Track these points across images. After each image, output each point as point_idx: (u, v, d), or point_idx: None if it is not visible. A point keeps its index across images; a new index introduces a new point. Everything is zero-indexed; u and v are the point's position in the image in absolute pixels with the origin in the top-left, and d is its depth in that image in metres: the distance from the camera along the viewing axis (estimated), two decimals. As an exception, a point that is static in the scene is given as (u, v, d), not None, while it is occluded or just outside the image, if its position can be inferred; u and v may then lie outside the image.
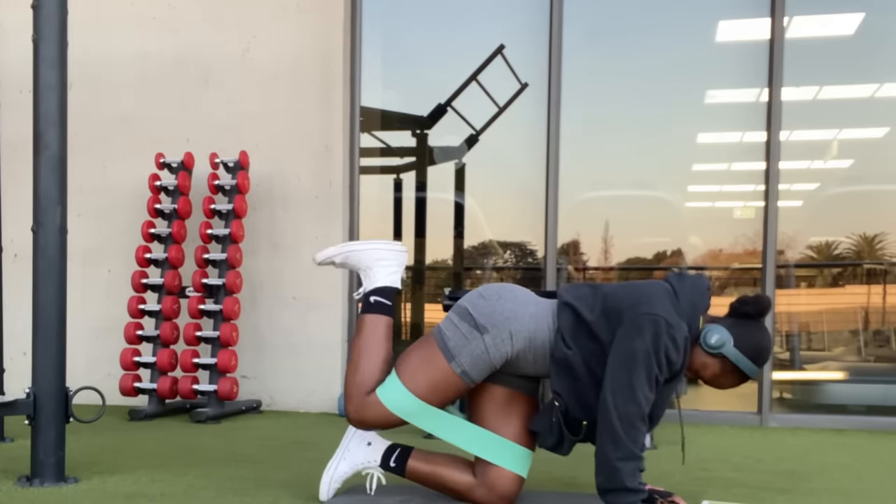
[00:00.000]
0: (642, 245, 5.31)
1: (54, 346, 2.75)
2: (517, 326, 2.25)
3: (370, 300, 2.41)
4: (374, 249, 2.46)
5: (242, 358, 4.72)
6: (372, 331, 2.38)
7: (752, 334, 2.21)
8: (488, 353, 2.24)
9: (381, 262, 2.44)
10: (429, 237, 5.41)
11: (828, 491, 2.82)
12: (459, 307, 2.32)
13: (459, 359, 2.25)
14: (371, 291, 2.42)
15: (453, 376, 2.26)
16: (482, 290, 2.35)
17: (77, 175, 4.70)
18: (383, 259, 2.44)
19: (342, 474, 2.42)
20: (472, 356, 2.24)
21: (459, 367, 2.25)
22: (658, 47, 4.90)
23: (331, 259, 2.47)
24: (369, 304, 2.41)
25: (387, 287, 2.43)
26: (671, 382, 2.21)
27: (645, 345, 2.09)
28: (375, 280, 2.43)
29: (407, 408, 2.28)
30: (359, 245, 2.47)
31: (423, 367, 2.28)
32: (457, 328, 2.27)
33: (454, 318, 2.31)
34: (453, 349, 2.25)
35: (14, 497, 2.54)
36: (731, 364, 2.21)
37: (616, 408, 2.08)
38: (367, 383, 2.32)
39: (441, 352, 2.27)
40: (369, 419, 2.31)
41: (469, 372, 2.26)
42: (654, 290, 2.21)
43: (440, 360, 2.26)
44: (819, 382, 4.94)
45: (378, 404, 2.29)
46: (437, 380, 2.27)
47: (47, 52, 2.73)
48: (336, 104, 4.82)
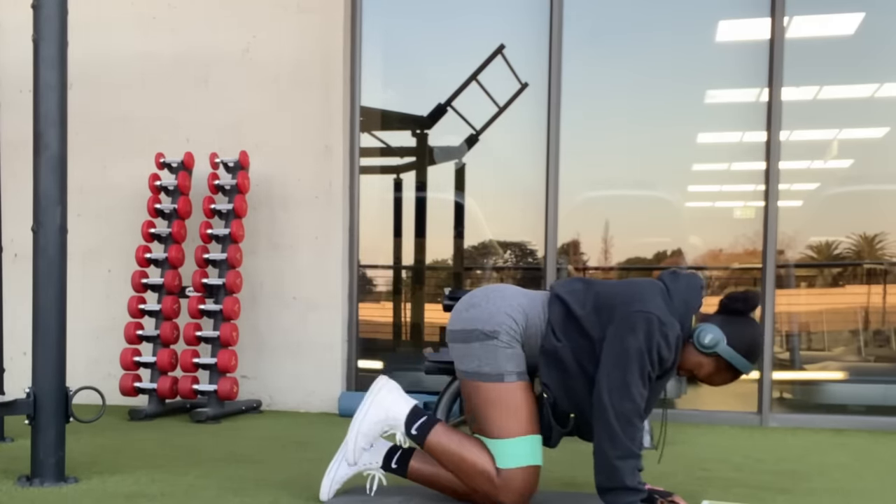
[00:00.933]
0: (642, 245, 5.31)
1: (54, 346, 2.75)
2: (515, 315, 2.26)
3: (413, 432, 2.31)
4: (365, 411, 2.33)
5: (242, 358, 4.72)
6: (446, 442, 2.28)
7: (743, 331, 2.21)
8: (513, 348, 2.24)
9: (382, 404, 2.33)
10: (429, 237, 5.41)
11: (828, 491, 2.82)
12: (461, 333, 2.28)
13: (505, 370, 2.23)
14: (407, 426, 2.31)
15: (518, 388, 2.23)
16: (467, 300, 2.33)
17: (77, 175, 4.72)
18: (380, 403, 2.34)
19: (343, 475, 2.41)
20: (508, 359, 2.23)
21: (513, 376, 2.23)
22: (658, 47, 4.90)
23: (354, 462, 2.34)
24: (419, 431, 2.30)
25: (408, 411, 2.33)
26: (661, 379, 2.22)
27: (638, 342, 2.09)
28: (397, 415, 2.32)
29: (526, 452, 2.21)
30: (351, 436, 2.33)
31: (497, 409, 2.22)
32: (475, 356, 2.25)
33: (463, 349, 2.27)
34: (494, 371, 2.23)
35: (14, 497, 2.54)
36: (725, 362, 2.22)
37: (612, 406, 2.08)
38: (489, 471, 2.23)
39: (491, 384, 2.23)
40: (521, 488, 2.22)
41: (520, 372, 2.25)
42: (647, 287, 2.21)
43: (497, 390, 2.22)
44: (819, 382, 4.94)
45: (513, 474, 2.21)
46: (514, 405, 2.22)
47: (47, 52, 2.73)
48: (336, 104, 4.82)
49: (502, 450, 2.22)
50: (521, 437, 2.21)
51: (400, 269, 5.57)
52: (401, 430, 2.32)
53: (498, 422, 2.22)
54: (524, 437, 2.21)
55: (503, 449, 2.22)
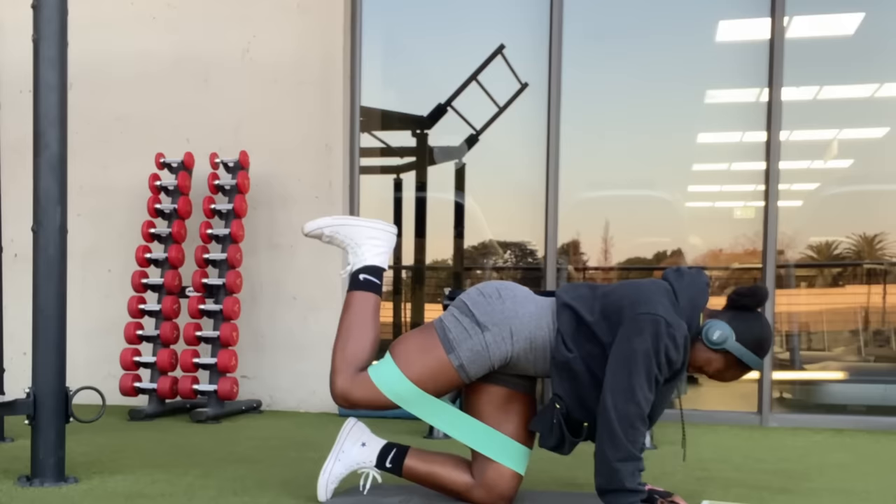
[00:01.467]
0: (642, 245, 5.31)
1: (54, 346, 2.75)
2: (517, 326, 2.24)
3: (359, 277, 2.39)
4: (366, 227, 2.44)
5: (242, 358, 4.72)
6: (361, 308, 2.36)
7: (752, 326, 2.20)
8: (488, 351, 2.23)
9: (372, 241, 2.42)
10: (429, 237, 5.41)
11: (828, 491, 2.82)
12: (459, 302, 2.31)
13: (459, 352, 2.23)
14: (360, 269, 2.40)
15: (450, 368, 2.24)
16: (481, 287, 2.34)
17: (77, 175, 4.69)
18: (374, 238, 2.43)
19: (338, 475, 2.41)
20: (471, 351, 2.23)
21: (458, 360, 2.23)
22: (658, 47, 4.90)
23: (320, 230, 2.44)
24: (358, 281, 2.39)
25: (376, 266, 2.41)
26: (671, 382, 2.21)
27: (645, 345, 2.08)
28: (364, 258, 2.41)
29: (399, 391, 2.25)
30: (351, 220, 2.45)
31: (421, 354, 2.26)
32: (458, 322, 2.26)
33: (455, 312, 2.29)
34: (454, 341, 2.24)
35: (14, 497, 2.54)
36: (734, 358, 2.21)
37: (616, 408, 2.07)
38: (357, 360, 2.31)
39: (441, 342, 2.25)
40: (357, 398, 2.28)
41: (466, 367, 2.24)
42: (652, 288, 2.20)
43: (439, 350, 2.25)
44: (819, 382, 4.94)
45: (369, 383, 2.26)
46: (434, 369, 2.25)
47: (47, 52, 2.73)
48: (336, 104, 4.82)
49: (383, 369, 2.26)
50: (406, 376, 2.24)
51: (400, 269, 5.57)
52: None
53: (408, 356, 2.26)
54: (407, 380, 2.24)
55: (383, 369, 2.26)
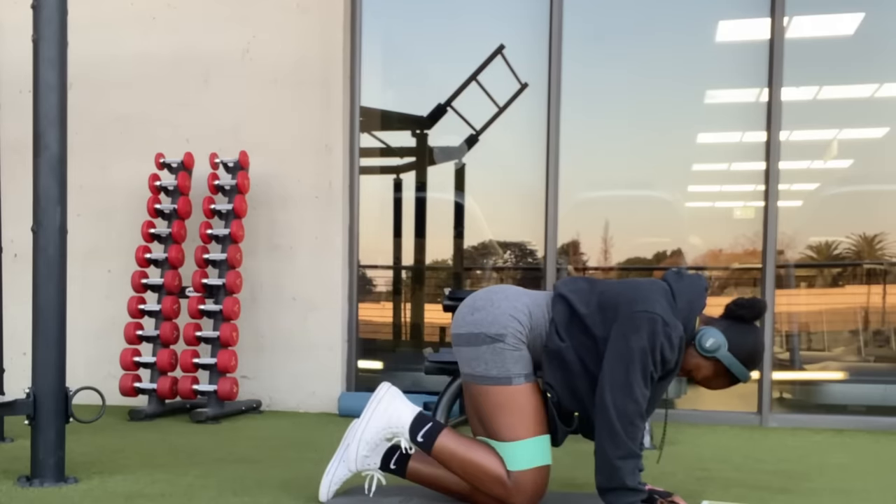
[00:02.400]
0: (642, 245, 5.30)
1: (54, 346, 2.75)
2: (519, 316, 2.25)
3: (419, 440, 2.28)
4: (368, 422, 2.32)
5: (242, 358, 4.72)
6: (454, 448, 2.25)
7: (746, 338, 2.21)
8: (520, 350, 2.23)
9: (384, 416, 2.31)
10: (429, 237, 5.41)
11: (828, 491, 2.82)
12: (466, 337, 2.27)
13: (512, 373, 2.22)
14: (412, 433, 2.28)
15: (527, 390, 2.22)
16: (470, 303, 2.32)
17: (77, 175, 4.72)
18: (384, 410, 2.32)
19: (342, 476, 2.41)
20: (515, 362, 2.22)
21: (520, 378, 2.22)
22: (658, 47, 4.90)
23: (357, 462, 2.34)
24: (424, 439, 2.27)
25: (413, 417, 2.31)
26: (664, 380, 2.22)
27: (641, 342, 2.09)
28: (401, 422, 2.29)
29: (536, 453, 2.20)
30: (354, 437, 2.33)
31: (508, 412, 2.21)
32: (482, 359, 2.24)
33: (470, 352, 2.26)
34: (501, 374, 2.22)
35: (14, 497, 2.54)
36: (723, 367, 2.21)
37: (615, 406, 2.08)
38: (500, 474, 2.21)
39: (499, 387, 2.22)
40: (533, 490, 2.21)
41: (528, 373, 2.24)
42: (651, 288, 2.21)
43: (506, 393, 2.21)
44: (819, 382, 4.94)
45: (524, 476, 2.20)
46: (524, 407, 2.21)
47: (47, 52, 2.73)
48: (336, 104, 4.82)
49: (512, 453, 2.21)
50: (530, 438, 2.20)
51: (400, 270, 5.57)
52: (405, 437, 2.30)
53: (508, 425, 2.21)
54: (533, 438, 2.21)
55: (513, 452, 2.20)
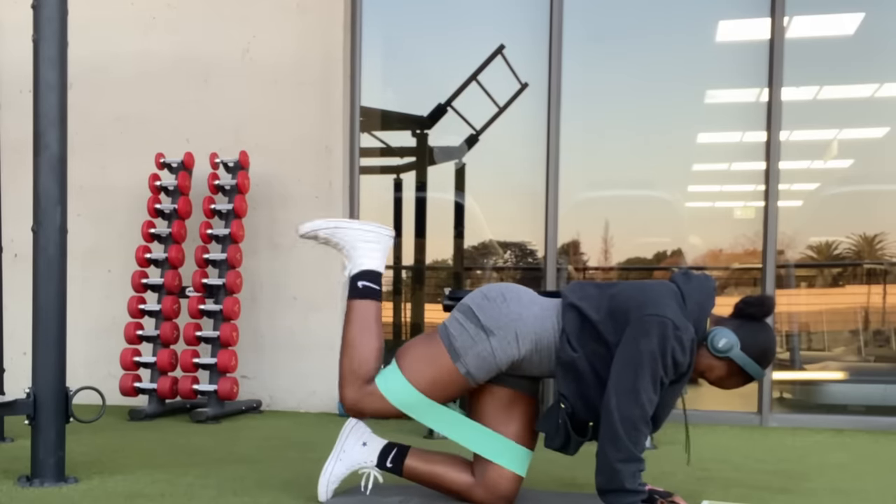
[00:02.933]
0: (642, 245, 5.31)
1: (54, 346, 2.75)
2: (523, 328, 2.24)
3: (358, 285, 2.37)
4: (361, 230, 2.41)
5: (242, 358, 4.72)
6: (363, 316, 2.36)
7: (757, 337, 2.20)
8: (494, 356, 2.23)
9: (367, 244, 2.40)
10: (429, 237, 5.41)
11: (828, 491, 2.82)
12: (464, 307, 2.30)
13: (465, 359, 2.23)
14: (358, 275, 2.38)
15: (457, 376, 2.25)
16: (485, 290, 2.34)
17: (77, 175, 4.69)
18: (369, 241, 2.41)
19: (339, 475, 2.41)
20: (478, 357, 2.23)
21: (464, 368, 2.24)
22: (658, 47, 4.90)
23: (315, 232, 2.41)
24: (357, 288, 2.38)
25: (373, 270, 2.40)
26: (677, 384, 2.20)
27: (651, 347, 2.07)
28: (361, 262, 2.39)
29: (408, 401, 2.27)
30: (346, 223, 2.43)
31: (428, 363, 2.26)
32: (463, 328, 2.26)
33: (459, 317, 2.29)
34: (459, 349, 2.24)
35: (14, 497, 2.54)
36: (737, 366, 2.21)
37: (619, 409, 2.07)
38: (365, 371, 2.31)
39: (447, 350, 2.25)
40: (367, 409, 2.31)
41: (474, 373, 2.25)
42: (660, 290, 2.20)
43: (445, 358, 2.25)
44: (819, 382, 4.94)
45: (378, 395, 2.28)
46: (441, 377, 2.25)
47: (47, 52, 2.73)
48: (336, 104, 4.82)
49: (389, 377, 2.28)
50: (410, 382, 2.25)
51: (400, 269, 5.57)
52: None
53: (414, 366, 2.27)
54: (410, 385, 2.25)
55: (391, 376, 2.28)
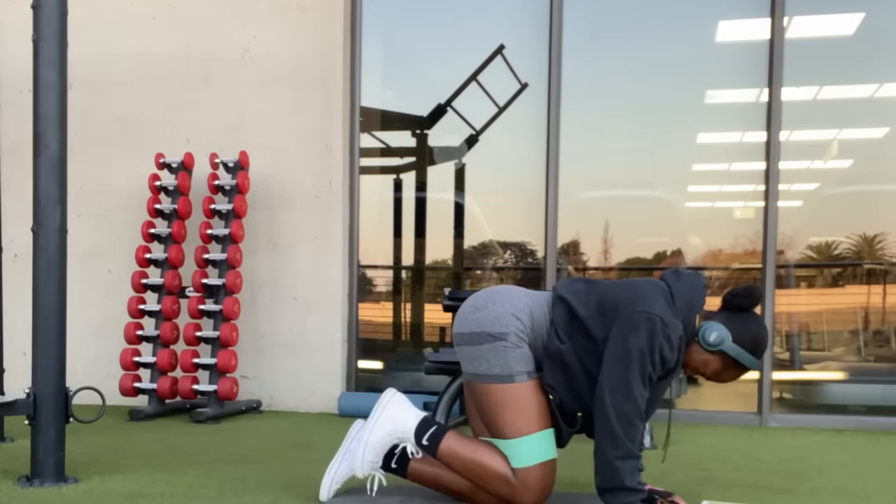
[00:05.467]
0: (642, 245, 5.31)
1: (54, 346, 2.75)
2: (522, 316, 2.25)
3: (424, 443, 2.29)
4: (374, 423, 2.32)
5: (242, 358, 4.72)
6: (456, 447, 2.26)
7: (748, 327, 2.21)
8: (521, 348, 2.23)
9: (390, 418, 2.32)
10: (429, 237, 5.41)
11: (828, 491, 2.82)
12: (465, 337, 2.27)
13: (515, 370, 2.21)
14: (418, 437, 2.29)
15: (529, 387, 2.22)
16: (472, 303, 2.32)
17: (77, 175, 4.72)
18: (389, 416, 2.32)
19: (343, 475, 2.41)
20: (518, 360, 2.22)
21: (523, 376, 2.22)
22: (658, 47, 4.90)
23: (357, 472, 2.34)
24: (432, 444, 2.28)
25: (418, 422, 2.31)
26: (664, 380, 2.22)
27: (640, 343, 2.09)
28: (406, 427, 2.30)
29: (540, 448, 2.20)
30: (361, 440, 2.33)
31: (510, 412, 2.20)
32: (484, 358, 2.24)
33: (472, 351, 2.26)
34: (504, 372, 2.21)
35: (14, 497, 2.54)
36: (731, 359, 2.22)
37: (613, 406, 2.08)
38: (505, 474, 2.21)
39: (501, 385, 2.21)
40: (539, 486, 2.20)
41: (530, 371, 2.23)
42: (649, 288, 2.21)
43: (508, 391, 2.21)
44: (819, 382, 4.94)
45: (530, 473, 2.19)
46: (527, 404, 2.21)
47: (47, 52, 2.73)
48: (336, 104, 4.82)
49: (516, 450, 2.20)
50: (533, 434, 2.20)
51: (400, 269, 5.57)
52: (411, 441, 2.31)
53: (511, 423, 2.21)
54: (537, 433, 2.21)
55: (518, 449, 2.20)
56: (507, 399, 2.22)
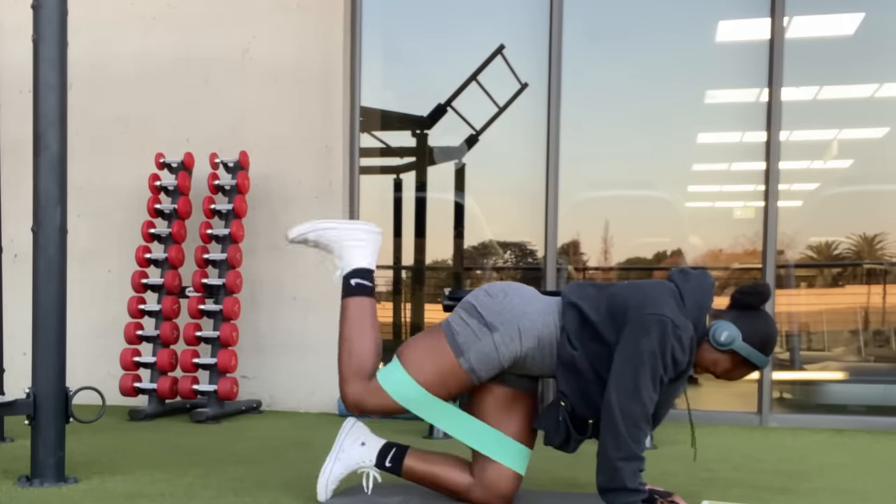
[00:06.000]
0: (642, 245, 5.31)
1: (54, 346, 2.75)
2: (526, 324, 2.24)
3: (351, 283, 2.38)
4: (349, 229, 2.43)
5: (242, 358, 4.72)
6: (358, 314, 2.36)
7: (757, 325, 2.21)
8: (497, 352, 2.23)
9: (357, 242, 2.41)
10: (429, 237, 5.41)
11: (828, 491, 2.82)
12: (466, 304, 2.31)
13: (468, 355, 2.23)
14: (350, 273, 2.39)
15: (460, 372, 2.25)
16: (487, 287, 2.34)
17: (77, 175, 4.70)
18: (359, 239, 2.42)
19: (338, 475, 2.41)
20: (480, 353, 2.23)
21: (467, 364, 2.24)
22: (658, 47, 4.90)
23: (304, 236, 2.43)
24: (350, 286, 2.38)
25: (364, 268, 2.41)
26: (676, 382, 2.21)
27: (651, 345, 2.08)
28: (352, 261, 2.40)
29: (410, 396, 2.26)
30: (334, 224, 2.44)
31: (430, 359, 2.26)
32: (466, 324, 2.26)
33: (462, 314, 2.29)
34: (462, 345, 2.24)
35: (14, 497, 2.54)
36: (741, 357, 2.22)
37: (620, 408, 2.08)
38: (365, 368, 2.31)
39: (450, 346, 2.25)
40: (369, 405, 2.30)
41: (477, 370, 2.25)
42: (659, 289, 2.20)
43: (448, 353, 2.25)
44: (819, 382, 4.94)
45: (380, 391, 2.28)
46: (444, 373, 2.25)
47: (47, 52, 2.73)
48: (336, 104, 4.82)
49: (392, 373, 2.28)
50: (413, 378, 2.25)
51: (400, 269, 5.57)
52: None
53: (416, 360, 2.27)
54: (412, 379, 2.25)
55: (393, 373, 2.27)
56: (438, 353, 2.26)
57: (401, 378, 2.27)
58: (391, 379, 2.28)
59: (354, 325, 2.35)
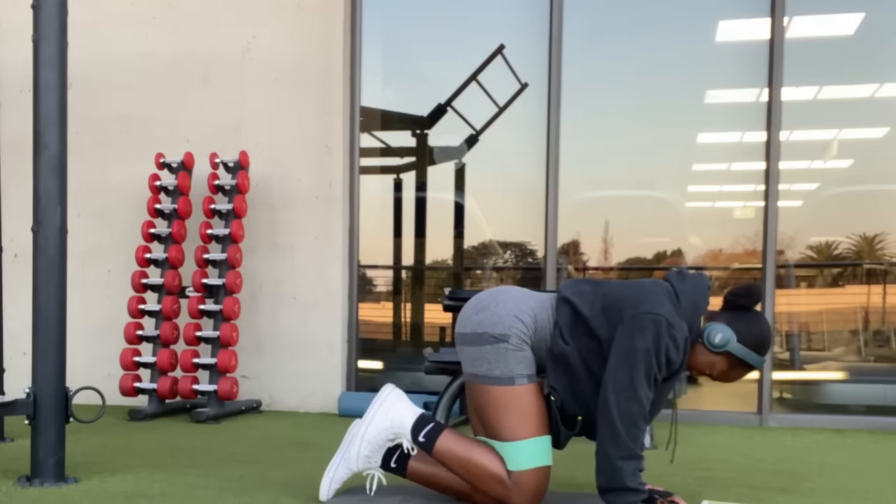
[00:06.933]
0: (642, 245, 5.31)
1: (54, 346, 2.75)
2: (524, 318, 2.25)
3: (420, 440, 2.29)
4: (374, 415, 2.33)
5: (242, 358, 4.72)
6: (452, 446, 2.26)
7: (751, 326, 2.21)
8: (523, 350, 2.23)
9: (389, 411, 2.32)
10: (429, 237, 5.41)
11: (828, 491, 2.82)
12: (467, 337, 2.27)
13: (516, 373, 2.21)
14: (414, 434, 2.29)
15: (529, 390, 2.22)
16: (475, 304, 2.32)
17: (77, 175, 4.71)
18: (388, 408, 2.33)
19: (342, 476, 2.41)
20: (518, 362, 2.22)
21: (523, 378, 2.22)
22: (658, 47, 4.90)
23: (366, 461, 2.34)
24: (428, 440, 2.28)
25: (416, 417, 2.31)
26: (669, 381, 2.22)
27: (646, 343, 2.09)
28: (403, 423, 2.30)
29: (537, 453, 2.20)
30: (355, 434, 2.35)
31: (508, 415, 2.21)
32: (485, 359, 2.23)
33: (474, 351, 2.25)
34: (504, 374, 2.21)
35: (14, 497, 2.54)
36: (736, 359, 2.22)
37: (618, 406, 2.08)
38: (500, 474, 2.21)
39: (501, 387, 2.21)
40: (533, 490, 2.20)
41: (530, 374, 2.23)
42: (654, 289, 2.21)
43: (508, 393, 2.21)
44: (819, 382, 4.94)
45: (524, 475, 2.19)
46: (527, 408, 2.21)
47: (47, 52, 2.73)
48: (336, 104, 4.82)
49: (513, 453, 2.20)
50: (530, 438, 2.20)
51: (400, 269, 5.57)
52: (407, 437, 2.31)
53: (509, 425, 2.21)
54: (534, 438, 2.21)
55: (514, 452, 2.20)
56: (506, 401, 2.21)
57: (519, 451, 2.20)
58: (517, 460, 2.20)
59: (460, 452, 2.25)
